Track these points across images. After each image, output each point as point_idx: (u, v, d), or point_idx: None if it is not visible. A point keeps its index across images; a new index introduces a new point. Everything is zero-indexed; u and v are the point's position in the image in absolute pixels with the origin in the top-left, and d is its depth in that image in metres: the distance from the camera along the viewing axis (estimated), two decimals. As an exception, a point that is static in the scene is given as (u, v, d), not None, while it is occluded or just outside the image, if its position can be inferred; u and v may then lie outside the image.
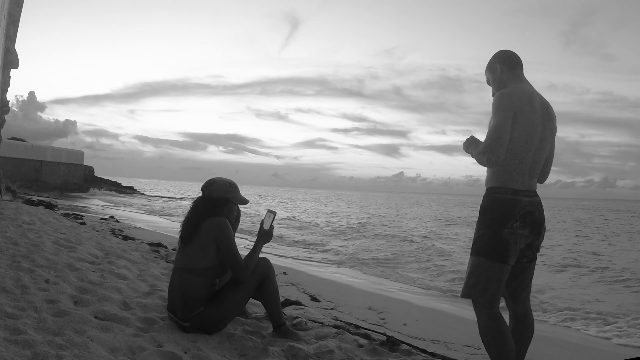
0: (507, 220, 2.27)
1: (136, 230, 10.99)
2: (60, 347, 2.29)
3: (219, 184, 2.97)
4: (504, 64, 2.52)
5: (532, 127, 2.33)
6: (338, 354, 2.69)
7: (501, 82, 2.51)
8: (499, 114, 2.29)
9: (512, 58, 2.53)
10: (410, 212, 39.26)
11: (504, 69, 2.51)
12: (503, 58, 2.53)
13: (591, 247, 15.10)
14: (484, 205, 2.38)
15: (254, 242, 3.01)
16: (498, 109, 2.30)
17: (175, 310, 2.88)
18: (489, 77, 2.60)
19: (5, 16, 6.67)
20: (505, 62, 2.52)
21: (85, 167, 43.43)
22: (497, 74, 2.53)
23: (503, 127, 2.26)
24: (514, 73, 2.51)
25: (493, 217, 2.31)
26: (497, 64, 2.54)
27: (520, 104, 2.31)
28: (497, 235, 2.28)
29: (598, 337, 5.19)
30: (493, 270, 2.29)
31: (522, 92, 2.37)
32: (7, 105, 10.23)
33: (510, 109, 2.29)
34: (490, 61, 2.58)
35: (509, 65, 2.52)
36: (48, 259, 4.44)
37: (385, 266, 9.65)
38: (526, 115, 2.31)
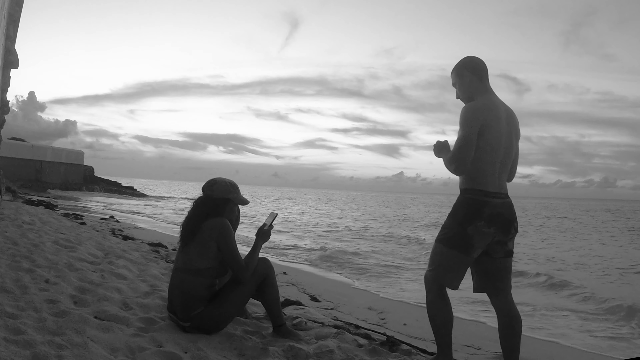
0: (473, 219, 2.48)
1: (136, 230, 11.00)
2: (60, 347, 2.29)
3: (221, 184, 2.97)
4: (473, 74, 2.65)
5: (498, 135, 2.52)
6: (338, 354, 2.69)
7: (469, 91, 2.66)
8: (466, 128, 2.49)
9: (481, 68, 2.66)
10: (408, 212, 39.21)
11: (473, 78, 2.65)
12: (472, 67, 2.66)
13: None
14: (457, 204, 2.58)
15: (254, 242, 3.01)
16: (465, 122, 2.50)
17: (175, 310, 2.88)
18: (455, 80, 2.72)
19: (5, 16, 6.67)
20: (475, 72, 2.65)
21: (85, 167, 43.46)
22: (465, 82, 2.66)
23: (469, 140, 2.47)
24: (483, 84, 2.65)
25: (462, 214, 2.53)
26: (466, 71, 2.66)
27: (487, 117, 2.50)
28: (462, 230, 2.50)
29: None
30: (450, 257, 2.53)
31: (488, 104, 2.56)
32: (7, 105, 10.24)
33: (477, 122, 2.48)
34: (459, 67, 2.69)
35: (478, 75, 2.65)
36: (48, 259, 4.45)
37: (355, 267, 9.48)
38: (492, 126, 2.50)
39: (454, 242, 2.52)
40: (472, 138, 2.46)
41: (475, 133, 2.47)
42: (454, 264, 2.54)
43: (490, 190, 2.51)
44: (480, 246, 2.51)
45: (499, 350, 3.60)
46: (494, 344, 4.04)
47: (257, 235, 3.03)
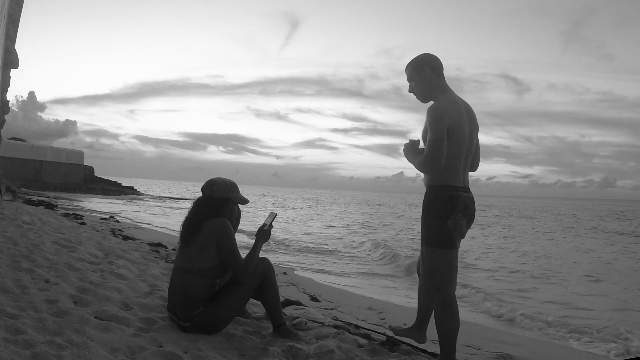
0: (450, 212, 2.57)
1: (136, 230, 11.00)
2: (60, 347, 2.28)
3: (220, 184, 2.97)
4: (433, 71, 2.70)
5: (463, 133, 2.60)
6: (338, 354, 2.69)
7: (428, 87, 2.72)
8: (437, 129, 2.53)
9: (440, 65, 2.73)
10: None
11: (433, 75, 2.70)
12: (432, 64, 2.71)
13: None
14: (430, 200, 2.63)
15: (254, 242, 3.01)
16: (435, 123, 2.54)
17: (175, 310, 2.88)
18: (412, 76, 2.75)
19: (5, 16, 6.67)
20: (435, 69, 2.71)
21: (85, 167, 43.46)
22: (425, 79, 2.71)
23: (441, 140, 2.52)
24: (441, 82, 2.73)
25: (439, 210, 2.59)
26: (426, 68, 2.70)
27: (452, 116, 2.58)
28: (441, 226, 2.57)
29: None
30: (446, 257, 2.59)
31: (452, 104, 2.62)
32: (7, 105, 10.23)
33: (446, 123, 2.54)
34: (418, 62, 2.72)
35: (437, 72, 2.71)
36: (48, 259, 4.45)
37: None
38: (458, 125, 2.59)
39: (442, 240, 2.58)
40: (444, 138, 2.53)
41: (445, 133, 2.53)
42: (449, 262, 2.60)
43: (458, 185, 2.62)
44: (459, 237, 2.61)
45: (499, 350, 3.62)
46: (494, 343, 4.05)
47: (257, 235, 3.03)
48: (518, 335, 4.83)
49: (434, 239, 2.60)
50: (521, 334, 4.86)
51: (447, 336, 2.60)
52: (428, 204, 2.64)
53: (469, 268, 9.89)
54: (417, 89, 2.75)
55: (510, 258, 12.20)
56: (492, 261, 11.38)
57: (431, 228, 2.61)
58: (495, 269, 10.15)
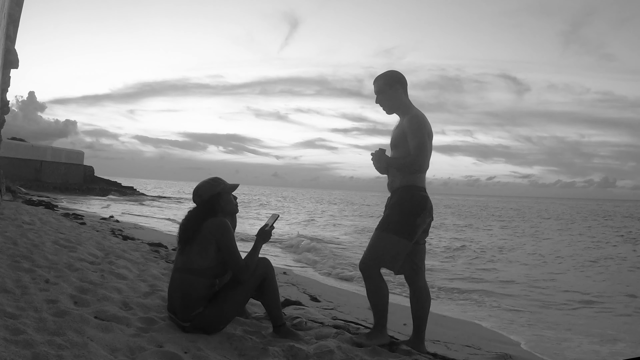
0: (421, 211, 2.90)
1: (136, 230, 11.00)
2: (60, 347, 2.28)
3: (204, 186, 2.99)
4: (402, 87, 3.02)
5: (431, 143, 2.97)
6: (338, 354, 2.69)
7: (397, 102, 3.02)
8: (421, 135, 2.87)
9: (406, 82, 3.05)
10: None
11: (402, 91, 3.02)
12: (402, 81, 3.03)
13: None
14: (404, 199, 2.92)
15: (254, 242, 3.02)
16: (419, 131, 2.88)
17: (175, 310, 2.88)
18: (383, 89, 3.02)
19: (5, 16, 6.67)
20: (403, 85, 3.03)
21: (85, 167, 43.46)
22: (397, 94, 3.01)
23: (426, 145, 2.88)
24: (407, 98, 3.05)
25: (411, 208, 2.90)
26: (397, 84, 3.01)
27: (428, 126, 2.94)
28: (411, 220, 2.88)
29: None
30: (400, 245, 2.89)
31: (424, 117, 2.96)
32: (7, 105, 10.23)
33: (426, 130, 2.90)
34: (390, 78, 3.02)
35: (405, 89, 3.04)
36: (48, 259, 4.44)
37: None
38: (430, 135, 2.94)
39: (405, 232, 2.88)
40: (427, 144, 2.88)
41: (427, 138, 2.88)
42: (401, 251, 2.90)
43: (425, 186, 2.98)
44: (419, 233, 2.94)
45: (499, 350, 3.62)
46: (494, 343, 4.05)
47: (257, 235, 3.03)
48: (518, 335, 4.82)
49: (396, 228, 2.88)
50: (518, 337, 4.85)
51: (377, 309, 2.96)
52: (401, 201, 2.92)
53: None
54: (386, 102, 3.03)
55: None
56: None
57: (399, 220, 2.89)
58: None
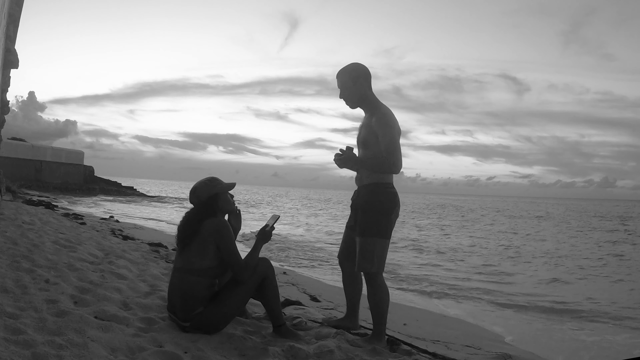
0: (394, 207, 2.95)
1: (136, 230, 10.99)
2: (60, 347, 2.28)
3: (202, 187, 2.98)
4: (366, 81, 3.01)
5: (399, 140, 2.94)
6: (338, 354, 2.69)
7: (365, 97, 3.01)
8: (392, 131, 2.87)
9: (370, 75, 3.03)
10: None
11: (366, 85, 3.01)
12: (365, 74, 3.01)
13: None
14: (378, 197, 2.93)
15: (254, 242, 3.02)
16: (391, 127, 2.88)
17: (175, 310, 2.88)
18: (346, 84, 3.01)
19: (5, 16, 6.67)
20: (367, 79, 3.02)
21: (85, 167, 43.42)
22: (361, 89, 3.00)
23: (397, 145, 2.87)
24: (372, 92, 3.03)
25: (387, 206, 2.94)
26: (360, 79, 2.99)
27: (397, 124, 2.94)
28: (388, 219, 2.94)
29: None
30: (386, 246, 2.96)
31: (392, 113, 2.97)
32: (7, 105, 10.23)
33: (397, 128, 2.92)
34: (354, 73, 2.99)
35: (369, 82, 3.03)
36: (48, 259, 4.44)
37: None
38: (399, 132, 2.94)
39: (385, 232, 2.93)
40: (398, 142, 2.88)
41: (397, 138, 2.88)
42: (386, 251, 2.98)
43: (393, 182, 3.00)
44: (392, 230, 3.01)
45: (499, 350, 3.62)
46: (494, 343, 4.05)
47: (257, 235, 3.04)
48: (518, 335, 4.82)
49: (377, 231, 2.91)
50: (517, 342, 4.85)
51: (382, 316, 2.95)
52: (376, 200, 2.93)
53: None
54: (350, 96, 3.02)
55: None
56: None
57: (376, 221, 2.91)
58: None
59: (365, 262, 2.95)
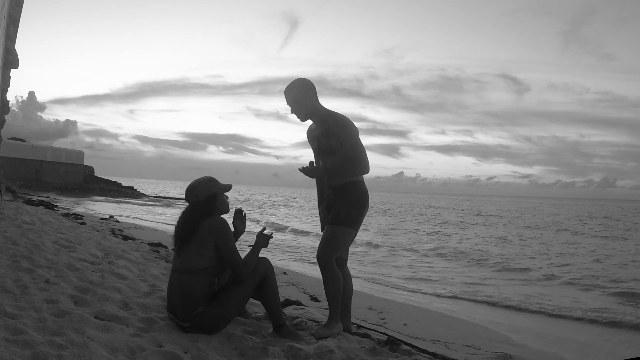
0: (367, 202, 3.19)
1: (136, 230, 10.99)
2: (60, 347, 2.28)
3: (201, 186, 2.97)
4: (314, 94, 3.15)
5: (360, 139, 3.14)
6: (338, 354, 2.69)
7: (315, 108, 3.16)
8: (354, 136, 3.08)
9: (315, 87, 3.17)
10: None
11: (314, 97, 3.15)
12: (312, 87, 3.15)
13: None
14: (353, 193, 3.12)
15: (254, 242, 3.03)
16: (351, 132, 3.07)
17: (175, 310, 2.88)
18: (297, 99, 3.12)
19: (5, 16, 6.67)
20: (314, 92, 3.15)
21: (85, 167, 43.42)
22: (311, 102, 3.14)
23: (360, 144, 3.09)
24: (319, 103, 3.18)
25: (361, 201, 3.15)
26: (310, 92, 3.13)
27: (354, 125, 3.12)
28: (361, 212, 3.16)
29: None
30: (349, 236, 3.17)
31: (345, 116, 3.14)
32: (7, 105, 10.23)
33: (355, 130, 3.10)
34: (302, 87, 3.13)
35: (316, 94, 3.16)
36: (48, 259, 4.44)
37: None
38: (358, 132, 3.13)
39: (355, 223, 3.14)
40: (360, 142, 3.08)
41: (358, 138, 3.08)
42: (350, 240, 3.21)
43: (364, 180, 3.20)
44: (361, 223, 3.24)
45: (499, 350, 3.62)
46: (494, 343, 4.05)
47: (257, 237, 3.04)
48: (517, 335, 4.82)
49: (347, 221, 3.10)
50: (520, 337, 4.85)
51: (336, 300, 3.11)
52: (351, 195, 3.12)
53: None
54: (302, 109, 3.15)
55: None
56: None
57: (349, 213, 3.10)
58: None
59: (324, 247, 3.11)
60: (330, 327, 3.07)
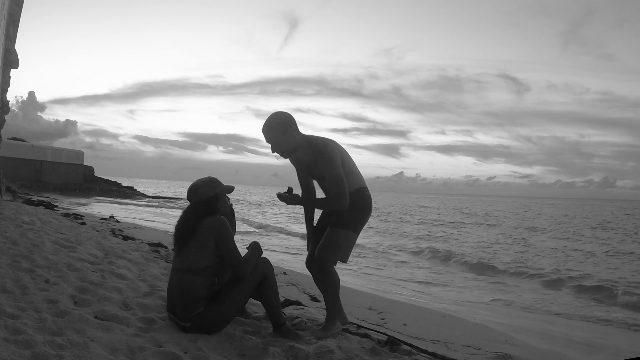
0: (370, 209, 3.26)
1: (136, 230, 10.99)
2: (60, 347, 2.28)
3: (203, 185, 2.98)
4: (294, 130, 3.06)
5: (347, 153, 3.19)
6: (338, 354, 2.69)
7: (294, 144, 3.07)
8: (335, 167, 3.02)
9: (294, 119, 3.08)
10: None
11: (295, 133, 3.06)
12: (291, 122, 3.05)
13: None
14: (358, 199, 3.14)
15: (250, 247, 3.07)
16: (333, 163, 3.02)
17: (175, 310, 2.88)
18: (277, 139, 3.03)
19: (5, 16, 6.67)
20: (295, 127, 3.06)
21: (85, 167, 43.41)
22: (293, 139, 3.05)
23: (342, 176, 3.02)
24: (300, 134, 3.09)
25: (364, 206, 3.20)
26: (290, 130, 3.03)
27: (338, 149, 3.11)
28: (364, 217, 3.22)
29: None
30: (353, 239, 3.19)
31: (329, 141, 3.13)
32: (7, 105, 10.23)
33: (339, 158, 3.07)
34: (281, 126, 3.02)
35: (296, 128, 3.07)
36: (48, 259, 4.44)
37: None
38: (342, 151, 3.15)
39: (357, 226, 3.18)
40: (342, 173, 3.02)
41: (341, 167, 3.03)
42: (353, 243, 3.22)
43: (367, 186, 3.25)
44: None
45: (499, 350, 3.62)
46: (494, 343, 4.04)
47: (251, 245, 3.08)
48: (517, 335, 4.82)
49: (350, 224, 3.14)
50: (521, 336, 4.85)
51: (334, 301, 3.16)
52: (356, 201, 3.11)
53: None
54: (283, 147, 3.07)
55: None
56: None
57: (351, 217, 3.14)
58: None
59: (323, 249, 3.12)
60: (329, 328, 3.08)
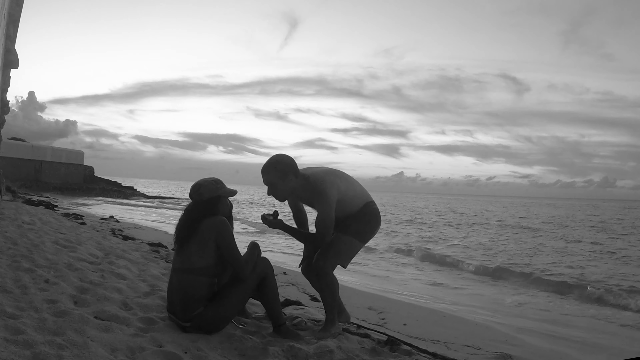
0: (379, 223, 3.31)
1: (136, 230, 10.99)
2: (60, 347, 2.28)
3: (207, 185, 2.98)
4: (294, 174, 3.04)
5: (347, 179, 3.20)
6: (338, 354, 2.69)
7: (292, 188, 3.07)
8: (330, 208, 3.00)
9: (294, 163, 3.07)
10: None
11: (293, 178, 3.04)
12: (291, 166, 3.03)
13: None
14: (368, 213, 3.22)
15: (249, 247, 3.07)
16: (329, 204, 3.00)
17: (175, 310, 2.88)
18: (275, 181, 3.02)
19: (5, 16, 6.67)
20: (295, 172, 3.04)
21: (85, 167, 43.40)
22: (290, 183, 3.04)
23: (332, 216, 3.01)
24: (299, 175, 3.06)
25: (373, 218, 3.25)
26: (289, 175, 3.02)
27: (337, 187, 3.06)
28: (372, 230, 3.26)
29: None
30: (357, 247, 3.22)
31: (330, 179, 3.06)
32: (7, 105, 10.23)
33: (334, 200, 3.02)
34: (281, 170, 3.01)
35: (297, 172, 3.05)
36: (48, 259, 4.44)
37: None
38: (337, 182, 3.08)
39: (364, 238, 3.21)
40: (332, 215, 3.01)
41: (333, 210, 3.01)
42: (356, 252, 3.24)
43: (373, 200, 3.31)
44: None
45: (499, 350, 3.62)
46: (494, 343, 4.05)
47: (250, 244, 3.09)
48: (517, 334, 4.82)
49: (356, 234, 3.17)
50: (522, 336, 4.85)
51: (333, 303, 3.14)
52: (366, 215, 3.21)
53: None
54: (282, 193, 3.07)
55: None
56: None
57: (359, 227, 3.18)
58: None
59: (324, 254, 3.10)
60: (329, 328, 3.08)
